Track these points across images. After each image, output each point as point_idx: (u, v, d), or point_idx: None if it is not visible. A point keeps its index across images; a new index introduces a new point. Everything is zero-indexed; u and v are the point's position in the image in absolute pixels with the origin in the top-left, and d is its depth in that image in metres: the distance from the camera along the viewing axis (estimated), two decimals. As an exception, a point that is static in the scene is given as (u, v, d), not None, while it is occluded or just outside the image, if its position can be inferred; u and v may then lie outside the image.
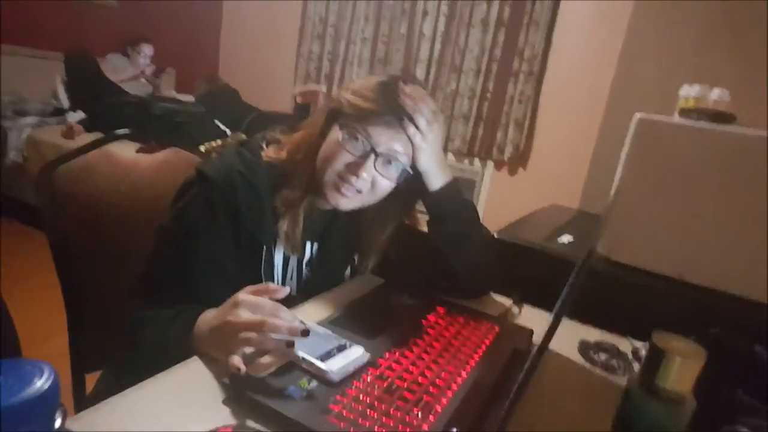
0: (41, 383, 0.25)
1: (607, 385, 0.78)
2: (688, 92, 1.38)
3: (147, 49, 3.65)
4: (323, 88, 3.16)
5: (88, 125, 3.02)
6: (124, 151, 1.06)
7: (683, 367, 0.49)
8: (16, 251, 2.69)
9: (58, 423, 0.26)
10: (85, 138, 2.77)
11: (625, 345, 0.90)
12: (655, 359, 0.50)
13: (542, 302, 0.99)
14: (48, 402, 0.25)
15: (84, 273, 0.97)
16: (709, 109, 1.34)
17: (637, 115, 1.25)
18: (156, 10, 4.00)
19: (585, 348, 0.87)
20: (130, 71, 3.55)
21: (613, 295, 1.16)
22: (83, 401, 0.96)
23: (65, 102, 3.33)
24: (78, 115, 3.13)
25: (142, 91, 3.58)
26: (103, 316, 0.96)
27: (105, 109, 3.07)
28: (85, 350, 0.98)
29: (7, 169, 2.97)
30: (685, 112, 1.35)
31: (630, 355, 0.87)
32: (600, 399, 0.73)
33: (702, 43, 1.80)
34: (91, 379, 0.98)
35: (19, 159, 2.93)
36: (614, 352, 0.87)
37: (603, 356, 0.85)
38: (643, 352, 0.86)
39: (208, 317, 0.67)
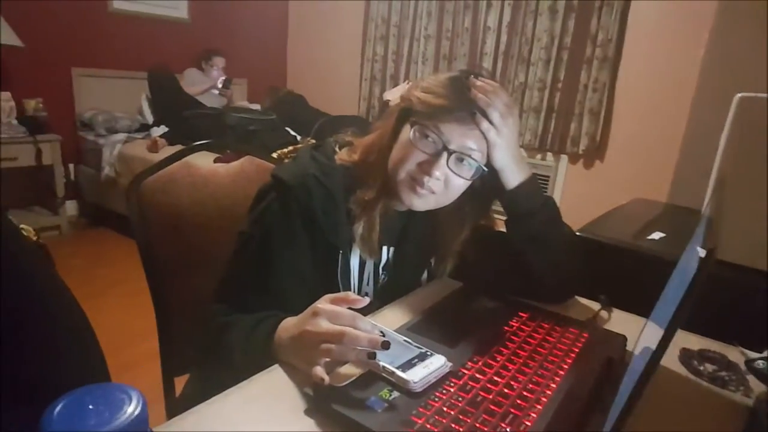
0: (131, 410, 0.25)
1: (719, 400, 0.70)
2: (800, 65, 1.22)
3: (219, 62, 3.84)
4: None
5: (170, 138, 3.21)
6: (203, 161, 1.10)
7: (827, 387, 0.41)
8: (112, 258, 2.93)
9: None
10: (168, 150, 2.95)
11: (734, 355, 0.81)
12: (790, 377, 0.43)
13: (633, 305, 0.91)
14: (138, 428, 0.25)
15: (170, 278, 1.02)
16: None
17: (739, 94, 1.12)
18: (225, 23, 4.19)
19: (687, 357, 0.79)
20: (205, 84, 3.74)
21: (716, 297, 1.05)
22: (173, 404, 1.00)
23: (149, 117, 3.57)
24: (161, 129, 3.35)
25: (218, 102, 3.77)
26: (189, 320, 1.00)
27: (184, 122, 3.26)
28: (173, 354, 1.02)
29: (102, 183, 3.23)
30: (795, 89, 1.20)
31: (743, 367, 0.78)
32: (713, 416, 0.66)
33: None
34: (180, 382, 1.02)
35: (112, 173, 3.18)
36: (723, 362, 0.78)
37: (710, 367, 0.77)
38: (759, 364, 0.76)
39: (289, 325, 0.67)
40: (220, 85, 3.81)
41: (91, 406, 0.24)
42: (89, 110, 3.40)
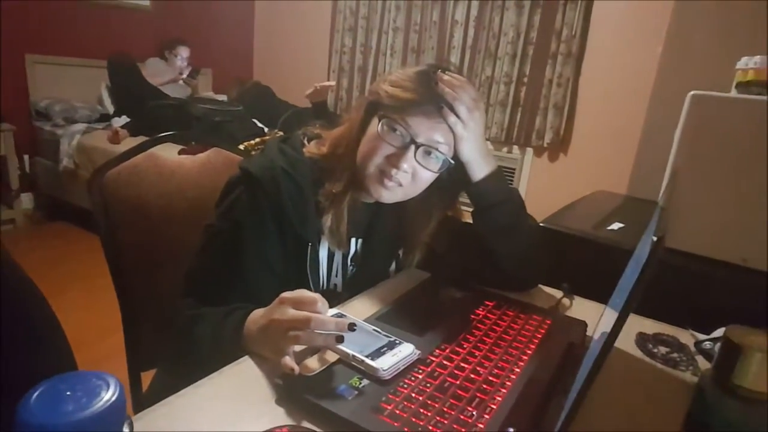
0: (108, 395, 0.25)
1: (671, 380, 0.74)
2: (747, 63, 1.28)
3: (183, 52, 3.73)
4: (332, 82, 3.16)
5: (132, 129, 3.12)
6: (169, 153, 1.08)
7: (764, 364, 0.45)
8: (72, 253, 2.83)
9: None
10: (130, 142, 2.87)
11: (686, 337, 0.86)
12: (731, 355, 0.46)
13: (593, 293, 0.95)
14: (116, 414, 0.25)
15: (136, 273, 1.00)
16: (770, 81, 1.25)
17: (691, 92, 1.18)
18: (189, 12, 4.08)
19: (643, 340, 0.83)
20: (168, 74, 3.64)
21: (670, 284, 1.11)
22: (140, 399, 0.99)
23: (110, 107, 3.45)
24: (122, 120, 3.24)
25: (182, 93, 3.67)
26: (156, 315, 0.98)
27: (147, 112, 3.16)
28: (140, 349, 1.00)
29: (60, 175, 3.11)
30: (743, 86, 1.26)
31: (692, 348, 0.82)
32: (664, 395, 0.70)
33: (763, 7, 1.67)
34: (146, 377, 1.01)
35: (71, 165, 3.07)
36: (675, 345, 0.83)
37: (663, 349, 0.81)
38: (707, 345, 0.81)
39: (257, 317, 0.67)
40: (184, 76, 3.71)
41: (68, 393, 0.24)
42: (45, 99, 3.26)
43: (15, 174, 3.03)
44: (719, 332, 0.82)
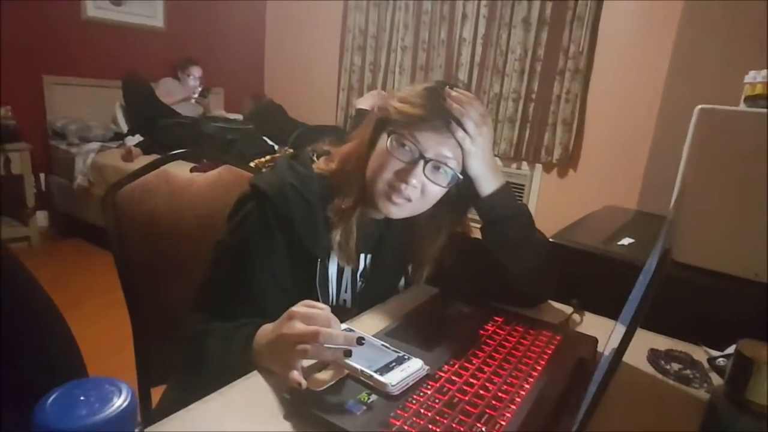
0: (120, 401, 0.26)
1: (684, 397, 0.73)
2: (755, 77, 1.28)
3: (196, 71, 3.81)
4: (384, 92, 3.20)
5: (145, 147, 3.17)
6: (180, 170, 1.10)
7: (777, 379, 0.44)
8: (85, 270, 2.86)
9: None
10: (143, 160, 2.91)
11: (699, 353, 0.84)
12: (744, 370, 0.46)
13: (604, 308, 0.94)
14: (127, 419, 0.26)
15: (147, 289, 1.01)
16: (779, 95, 1.24)
17: (698, 106, 1.18)
18: (202, 33, 4.17)
19: (655, 357, 0.82)
20: (181, 93, 3.71)
21: (681, 299, 1.09)
22: (149, 415, 0.99)
23: (124, 126, 3.52)
24: (135, 139, 3.30)
25: (194, 111, 3.73)
26: (166, 330, 0.99)
27: (160, 131, 3.22)
28: (150, 364, 1.01)
29: (75, 193, 3.17)
30: (751, 100, 1.26)
31: (706, 365, 0.81)
32: (676, 412, 0.69)
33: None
34: (156, 393, 1.01)
35: (85, 183, 3.12)
36: (688, 361, 0.81)
37: (676, 366, 0.80)
38: (720, 362, 0.80)
39: (266, 331, 0.67)
40: (196, 95, 3.78)
41: (82, 398, 0.25)
42: (61, 119, 3.33)
43: (31, 192, 3.09)
44: (733, 348, 0.81)
